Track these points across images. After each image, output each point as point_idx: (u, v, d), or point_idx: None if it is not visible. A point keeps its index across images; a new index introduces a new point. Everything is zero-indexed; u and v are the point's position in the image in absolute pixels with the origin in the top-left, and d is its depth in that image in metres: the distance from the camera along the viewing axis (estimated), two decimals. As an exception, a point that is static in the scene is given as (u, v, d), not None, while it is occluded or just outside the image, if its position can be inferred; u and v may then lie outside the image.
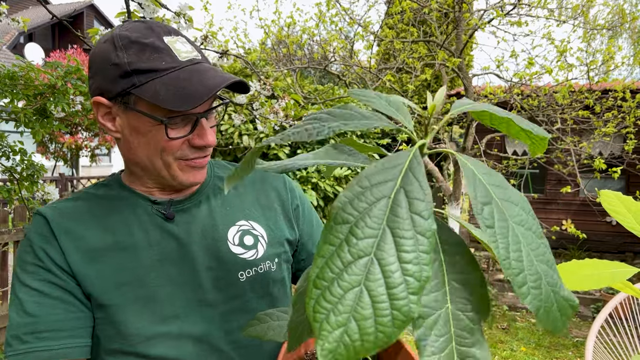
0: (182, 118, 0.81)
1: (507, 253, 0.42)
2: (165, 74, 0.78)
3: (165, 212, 0.87)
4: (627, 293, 0.80)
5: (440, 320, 0.43)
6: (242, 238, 0.91)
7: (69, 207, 0.86)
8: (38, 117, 1.77)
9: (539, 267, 0.44)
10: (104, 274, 0.81)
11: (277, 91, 2.49)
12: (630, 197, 0.88)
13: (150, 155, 0.83)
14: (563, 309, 0.43)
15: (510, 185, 0.48)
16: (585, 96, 4.55)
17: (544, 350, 4.19)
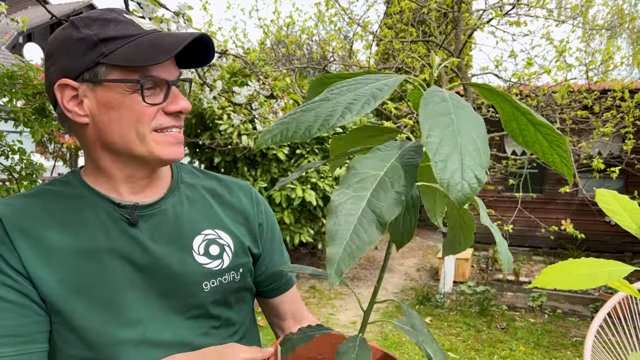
0: (154, 85, 0.80)
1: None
2: (133, 39, 0.78)
3: (129, 216, 0.84)
4: (625, 292, 0.80)
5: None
6: (208, 247, 0.90)
7: (23, 204, 0.81)
8: (37, 117, 1.77)
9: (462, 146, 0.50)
10: (62, 277, 0.77)
11: (276, 91, 2.49)
12: (626, 196, 0.88)
13: (124, 131, 0.80)
14: (467, 176, 0.48)
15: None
16: (584, 96, 4.56)
17: (543, 350, 4.20)
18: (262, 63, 5.13)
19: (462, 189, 0.47)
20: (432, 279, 6.47)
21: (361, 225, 0.52)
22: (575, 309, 5.21)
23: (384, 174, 0.55)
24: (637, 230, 0.82)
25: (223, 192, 0.98)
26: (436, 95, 0.54)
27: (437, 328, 4.69)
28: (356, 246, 0.51)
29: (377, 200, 0.53)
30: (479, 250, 7.75)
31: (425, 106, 0.53)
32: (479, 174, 0.48)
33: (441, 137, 0.50)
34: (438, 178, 0.48)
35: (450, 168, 0.48)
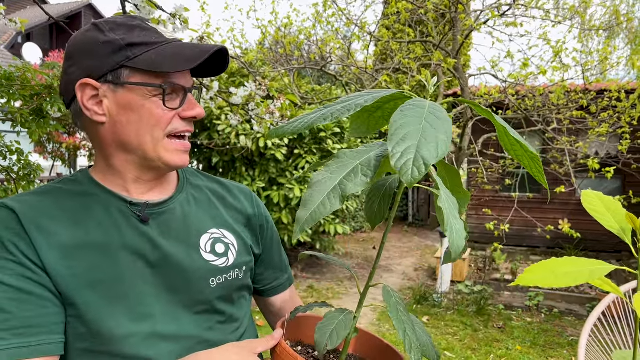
0: (172, 91, 0.85)
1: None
2: (157, 46, 0.83)
3: (140, 214, 0.88)
4: (606, 290, 0.82)
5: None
6: (214, 246, 0.94)
7: (37, 201, 0.83)
8: (35, 117, 1.79)
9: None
10: (77, 271, 0.79)
11: (272, 92, 2.51)
12: (610, 197, 0.90)
13: (140, 132, 0.84)
14: (417, 164, 0.59)
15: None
16: (580, 97, 4.58)
17: (539, 349, 4.22)
18: (260, 64, 5.15)
19: (411, 173, 0.58)
20: (429, 279, 6.49)
21: (328, 198, 0.65)
22: (572, 309, 5.24)
23: (360, 162, 0.68)
24: (619, 230, 0.84)
25: (226, 195, 1.03)
26: (415, 105, 0.63)
27: (434, 327, 4.71)
28: (320, 212, 0.64)
29: (346, 180, 0.66)
30: (476, 250, 7.77)
31: (400, 111, 0.62)
32: (429, 161, 0.59)
33: (405, 133, 0.60)
34: (392, 163, 0.58)
35: (405, 157, 0.59)
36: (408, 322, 0.77)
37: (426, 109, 0.63)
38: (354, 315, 0.82)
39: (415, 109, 0.63)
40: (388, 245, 8.80)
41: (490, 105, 5.01)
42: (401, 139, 0.59)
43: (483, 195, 7.72)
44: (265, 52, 5.56)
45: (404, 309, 0.80)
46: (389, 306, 0.77)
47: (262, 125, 2.81)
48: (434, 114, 0.62)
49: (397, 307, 0.78)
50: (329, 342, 0.75)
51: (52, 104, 1.74)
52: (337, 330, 0.77)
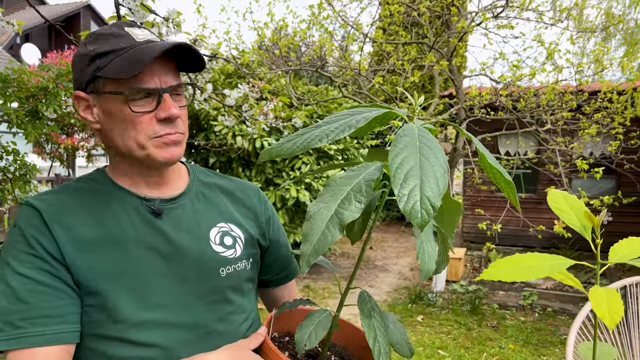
0: (146, 95, 0.87)
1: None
2: (123, 52, 0.86)
3: (154, 208, 0.93)
4: (567, 283, 0.86)
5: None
6: (222, 238, 1.00)
7: (57, 199, 0.89)
8: (30, 119, 1.83)
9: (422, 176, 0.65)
10: (96, 264, 0.85)
11: (265, 94, 2.56)
12: (574, 196, 0.95)
13: (125, 138, 0.88)
14: (425, 205, 0.62)
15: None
16: (571, 98, 4.62)
17: (532, 348, 4.26)
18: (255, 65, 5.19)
19: (421, 215, 0.61)
20: (425, 278, 6.53)
21: (327, 229, 0.68)
22: (566, 308, 5.28)
23: (351, 189, 0.72)
24: (580, 227, 0.89)
25: (234, 191, 1.10)
26: (406, 134, 0.69)
27: (428, 326, 4.75)
28: (322, 244, 0.67)
29: (341, 209, 0.69)
30: (472, 249, 7.82)
31: (394, 146, 0.67)
32: (435, 202, 0.62)
33: (406, 172, 0.64)
34: (401, 207, 0.61)
35: (412, 200, 0.62)
36: (380, 327, 0.82)
37: (417, 138, 0.67)
38: (333, 315, 0.88)
39: (407, 139, 0.67)
40: (385, 245, 8.84)
41: (484, 106, 5.06)
42: (404, 180, 0.63)
43: (479, 196, 7.76)
44: (261, 54, 5.60)
45: (378, 313, 0.85)
46: (361, 313, 0.82)
47: (255, 126, 2.85)
48: (426, 143, 0.67)
49: (371, 314, 0.83)
50: (308, 342, 0.81)
51: (48, 105, 1.78)
52: (316, 331, 0.83)
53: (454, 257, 6.13)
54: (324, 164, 6.49)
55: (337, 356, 0.95)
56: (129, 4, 1.97)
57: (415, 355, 4.10)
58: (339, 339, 1.01)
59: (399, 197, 0.62)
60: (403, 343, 0.91)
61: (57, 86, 1.80)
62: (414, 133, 0.69)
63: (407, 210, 0.61)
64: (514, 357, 4.07)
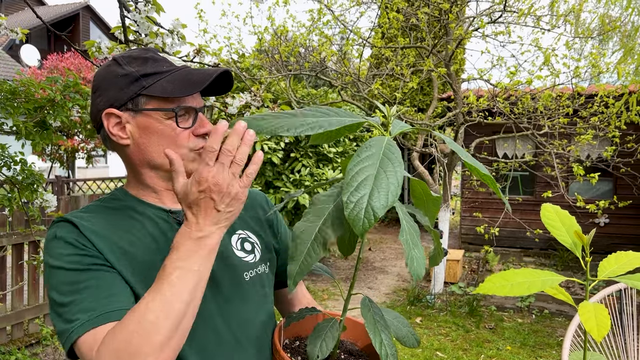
0: (184, 112, 0.95)
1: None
2: (168, 74, 0.94)
3: (181, 219, 0.98)
4: (559, 298, 0.91)
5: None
6: (243, 244, 1.06)
7: (88, 216, 0.93)
8: (38, 130, 1.88)
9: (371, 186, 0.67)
10: (136, 271, 0.89)
11: (267, 102, 2.60)
12: (566, 212, 0.99)
13: (163, 152, 0.94)
14: (368, 215, 0.63)
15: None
16: (567, 103, 4.68)
17: (529, 350, 4.32)
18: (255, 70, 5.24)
19: (362, 224, 0.64)
20: (423, 280, 6.58)
21: (312, 248, 0.71)
22: (563, 310, 5.34)
23: (334, 206, 0.74)
24: (571, 244, 0.94)
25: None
26: (372, 145, 0.71)
27: (426, 328, 4.81)
28: (308, 263, 0.70)
29: (325, 227, 0.72)
30: (470, 251, 7.88)
31: (357, 156, 0.69)
32: (378, 213, 0.64)
33: (360, 181, 0.66)
34: (346, 214, 0.64)
35: (357, 208, 0.64)
36: (384, 330, 0.86)
37: (382, 150, 0.70)
38: (339, 324, 0.92)
39: (372, 150, 0.69)
40: (384, 246, 8.89)
41: (482, 110, 5.11)
42: (355, 189, 0.65)
43: (477, 198, 7.82)
44: (261, 58, 5.65)
45: (381, 317, 0.89)
46: (366, 321, 0.86)
47: (257, 133, 2.90)
48: (388, 156, 0.69)
49: (374, 318, 0.87)
50: (320, 354, 0.87)
51: (55, 116, 1.83)
52: (326, 342, 0.88)
53: (452, 259, 6.18)
54: (323, 166, 6.54)
55: (346, 353, 1.01)
56: (134, 16, 2.01)
57: (414, 356, 4.15)
58: (347, 336, 1.07)
59: (346, 203, 0.64)
60: (409, 335, 0.97)
61: (64, 98, 1.85)
62: (381, 145, 0.71)
63: (351, 217, 0.63)
64: (511, 358, 4.12)
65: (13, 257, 3.89)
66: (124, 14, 2.02)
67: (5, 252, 3.76)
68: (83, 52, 2.17)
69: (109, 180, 11.83)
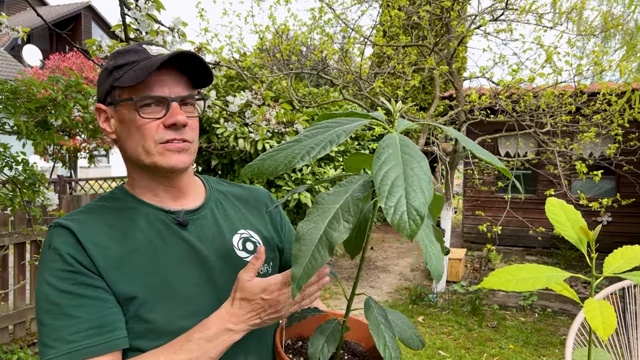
0: (155, 102, 0.92)
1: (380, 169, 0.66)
2: (136, 64, 0.92)
3: (180, 219, 0.97)
4: (564, 294, 0.90)
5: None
6: (245, 244, 1.05)
7: (86, 218, 0.92)
8: (39, 129, 1.87)
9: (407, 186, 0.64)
10: (130, 277, 0.88)
11: (268, 100, 2.60)
12: (571, 207, 0.98)
13: (133, 144, 0.93)
14: (412, 216, 0.61)
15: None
16: (570, 101, 4.66)
17: (532, 348, 4.30)
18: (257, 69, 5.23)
19: (409, 226, 0.61)
20: (426, 279, 6.57)
21: (317, 250, 0.68)
22: (566, 308, 5.32)
23: (339, 206, 0.72)
24: (576, 240, 0.93)
25: (248, 198, 1.15)
26: (389, 145, 0.69)
27: (429, 327, 4.80)
28: (312, 266, 0.68)
29: (331, 229, 0.69)
30: (472, 250, 7.86)
31: (377, 158, 0.67)
32: (422, 211, 0.61)
33: (390, 184, 0.63)
34: (389, 220, 0.61)
35: (399, 212, 0.61)
36: (388, 331, 0.84)
37: (399, 148, 0.67)
38: (341, 325, 0.91)
39: (390, 150, 0.67)
40: (386, 245, 8.88)
41: (483, 108, 5.10)
42: (389, 193, 0.63)
43: (479, 196, 7.80)
44: (262, 57, 5.64)
45: (385, 318, 0.87)
46: (369, 322, 0.84)
47: (258, 131, 2.89)
48: (408, 152, 0.67)
49: (377, 319, 0.85)
50: (321, 356, 0.85)
51: (57, 116, 1.82)
52: (327, 344, 0.87)
53: (454, 258, 6.17)
54: (325, 165, 6.53)
55: (350, 354, 1.00)
56: (134, 14, 2.01)
57: (416, 355, 4.14)
58: (351, 337, 1.06)
59: (386, 209, 0.61)
60: (413, 337, 0.96)
61: (65, 97, 1.84)
62: (395, 143, 0.69)
63: (395, 222, 0.60)
64: (514, 357, 4.11)
65: (15, 256, 3.89)
66: (125, 12, 2.02)
67: (7, 251, 3.76)
68: (84, 52, 2.17)
69: (111, 179, 11.85)
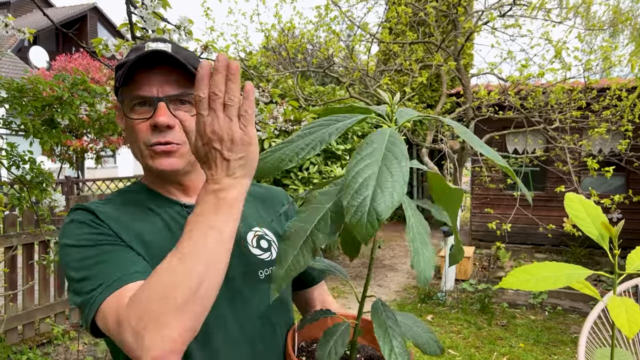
0: (143, 103, 0.90)
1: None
2: (130, 63, 0.89)
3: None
4: (585, 292, 0.87)
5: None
6: (259, 242, 1.03)
7: (105, 207, 0.92)
8: (46, 128, 1.86)
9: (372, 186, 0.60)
10: (151, 257, 0.86)
11: (275, 98, 2.58)
12: (591, 201, 0.95)
13: (132, 146, 0.94)
14: (371, 219, 0.57)
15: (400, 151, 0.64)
16: (580, 96, 4.61)
17: (542, 347, 4.26)
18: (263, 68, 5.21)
19: (365, 230, 0.57)
20: (434, 277, 6.53)
21: (301, 252, 0.65)
22: (576, 306, 5.27)
23: (329, 207, 0.68)
24: (597, 236, 0.90)
25: (265, 196, 1.14)
26: (374, 140, 0.64)
27: (438, 326, 4.76)
28: (294, 268, 0.65)
29: (317, 231, 0.66)
30: (481, 248, 7.81)
31: (357, 154, 0.63)
32: (382, 216, 0.57)
33: (361, 182, 0.59)
34: (347, 219, 0.57)
35: (359, 212, 0.57)
36: (397, 336, 0.80)
37: (385, 144, 0.63)
38: (354, 328, 0.87)
39: (374, 146, 0.62)
40: (393, 244, 8.85)
41: (492, 105, 5.05)
42: (355, 192, 0.58)
43: (487, 194, 7.75)
44: (268, 55, 5.63)
45: (394, 321, 0.83)
46: (375, 325, 0.80)
47: (265, 130, 2.87)
48: (392, 151, 0.62)
49: (386, 323, 0.81)
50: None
51: (63, 114, 1.81)
52: (335, 348, 0.83)
53: (463, 256, 6.12)
54: (331, 164, 6.51)
55: (366, 359, 0.96)
56: (140, 12, 1.99)
57: (426, 355, 4.11)
58: (368, 341, 1.02)
59: (347, 208, 0.57)
60: (430, 342, 0.91)
61: (72, 95, 1.83)
62: (383, 139, 0.64)
63: (353, 222, 0.57)
64: (524, 356, 4.07)
65: (23, 256, 3.89)
66: (131, 10, 2.00)
67: (16, 252, 3.76)
68: (91, 52, 2.16)
69: (117, 180, 11.88)
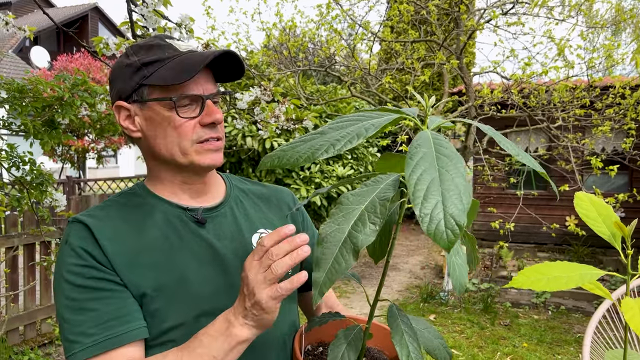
0: (190, 101, 0.90)
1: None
2: (169, 61, 0.89)
3: (198, 217, 0.95)
4: (597, 293, 0.85)
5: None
6: None
7: (104, 215, 0.91)
8: (47, 129, 1.84)
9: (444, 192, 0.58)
10: (146, 276, 0.86)
11: (277, 97, 2.56)
12: (601, 201, 0.93)
13: (169, 145, 0.91)
14: (450, 225, 0.55)
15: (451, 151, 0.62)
16: (584, 95, 4.58)
17: (546, 347, 4.24)
18: (265, 67, 5.19)
19: (447, 237, 0.55)
20: (436, 277, 6.51)
21: (341, 254, 0.63)
22: (579, 306, 5.24)
23: (365, 208, 0.66)
24: (609, 235, 0.88)
25: (270, 197, 1.12)
26: (421, 145, 0.62)
27: (441, 325, 4.74)
28: (335, 271, 0.62)
29: (355, 232, 0.64)
30: (483, 247, 7.78)
31: (409, 159, 0.61)
32: (460, 220, 0.55)
33: (425, 189, 0.57)
34: (425, 229, 0.55)
35: (435, 220, 0.55)
36: (413, 341, 0.79)
37: (433, 148, 0.61)
38: (364, 331, 0.85)
39: (423, 150, 0.61)
40: (395, 243, 8.82)
41: (494, 103, 5.03)
42: (424, 199, 0.57)
43: (490, 193, 7.72)
44: (270, 54, 5.61)
45: (410, 326, 0.82)
46: (392, 330, 0.79)
47: (267, 129, 2.86)
48: (443, 152, 0.61)
49: (402, 329, 0.80)
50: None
51: (64, 115, 1.79)
52: (348, 352, 0.81)
53: (466, 256, 6.10)
54: (333, 163, 6.48)
55: None
56: (141, 10, 1.97)
57: (429, 355, 4.09)
58: (374, 343, 1.01)
59: (421, 217, 0.56)
60: (440, 348, 0.90)
61: (72, 96, 1.81)
62: (429, 142, 0.63)
63: (432, 232, 0.55)
64: (528, 356, 4.05)
65: (24, 257, 3.88)
66: (132, 8, 1.98)
67: (17, 252, 3.75)
68: (92, 52, 2.14)
69: (119, 180, 11.88)
